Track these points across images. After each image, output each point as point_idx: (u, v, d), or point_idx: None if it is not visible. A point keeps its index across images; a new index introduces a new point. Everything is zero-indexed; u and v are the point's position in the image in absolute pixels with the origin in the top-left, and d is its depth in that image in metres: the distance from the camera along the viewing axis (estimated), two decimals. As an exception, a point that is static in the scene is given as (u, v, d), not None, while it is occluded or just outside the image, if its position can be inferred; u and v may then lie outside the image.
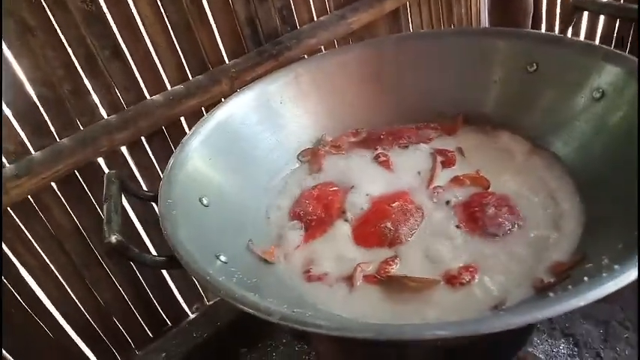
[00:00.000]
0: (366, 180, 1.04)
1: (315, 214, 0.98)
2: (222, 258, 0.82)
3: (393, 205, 0.95)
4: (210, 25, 1.39)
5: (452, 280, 0.82)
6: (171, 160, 0.92)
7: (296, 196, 1.05)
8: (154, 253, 1.40)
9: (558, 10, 2.01)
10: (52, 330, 1.32)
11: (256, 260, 0.91)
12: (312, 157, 1.12)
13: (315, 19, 1.55)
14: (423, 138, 1.11)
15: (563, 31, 0.99)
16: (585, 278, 0.64)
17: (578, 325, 1.35)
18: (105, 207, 0.78)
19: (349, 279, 0.86)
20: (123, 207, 0.80)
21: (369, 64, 1.16)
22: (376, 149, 1.11)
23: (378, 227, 0.92)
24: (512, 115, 1.07)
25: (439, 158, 1.05)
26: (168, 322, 1.61)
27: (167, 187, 0.87)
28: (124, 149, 1.37)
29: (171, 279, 1.59)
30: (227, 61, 1.45)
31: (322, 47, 1.55)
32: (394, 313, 0.80)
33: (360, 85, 1.15)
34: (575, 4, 1.01)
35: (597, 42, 1.74)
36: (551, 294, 0.69)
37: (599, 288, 0.55)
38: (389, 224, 0.92)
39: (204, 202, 0.91)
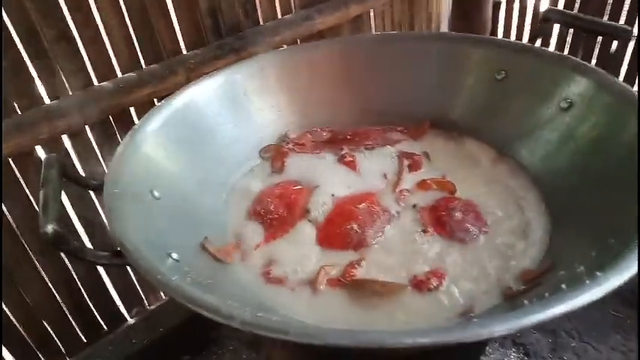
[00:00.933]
0: (330, 180, 0.99)
1: (277, 213, 0.92)
2: (174, 256, 0.74)
3: (360, 206, 0.91)
4: (169, 11, 1.32)
5: (419, 285, 0.79)
6: (121, 146, 0.84)
7: (256, 193, 0.98)
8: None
9: (514, 31, 2.09)
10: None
11: (211, 260, 0.84)
12: (274, 154, 1.06)
13: (280, 16, 1.51)
14: (389, 140, 1.08)
15: (531, 41, 0.99)
16: (563, 285, 0.62)
17: (528, 335, 1.37)
18: (41, 193, 0.68)
19: (312, 282, 0.81)
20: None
21: (338, 63, 1.12)
22: (341, 149, 1.06)
23: (343, 228, 0.88)
24: (478, 122, 1.05)
25: (405, 161, 1.02)
26: (105, 327, 1.49)
27: (114, 175, 0.78)
28: (65, 138, 1.27)
29: (110, 279, 1.48)
30: (185, 52, 1.38)
31: (284, 46, 1.51)
32: (360, 319, 0.75)
33: (326, 83, 1.11)
34: (544, 16, 1.01)
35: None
36: (525, 301, 0.67)
37: (586, 293, 0.53)
38: (355, 226, 0.88)
39: (156, 194, 0.82)
